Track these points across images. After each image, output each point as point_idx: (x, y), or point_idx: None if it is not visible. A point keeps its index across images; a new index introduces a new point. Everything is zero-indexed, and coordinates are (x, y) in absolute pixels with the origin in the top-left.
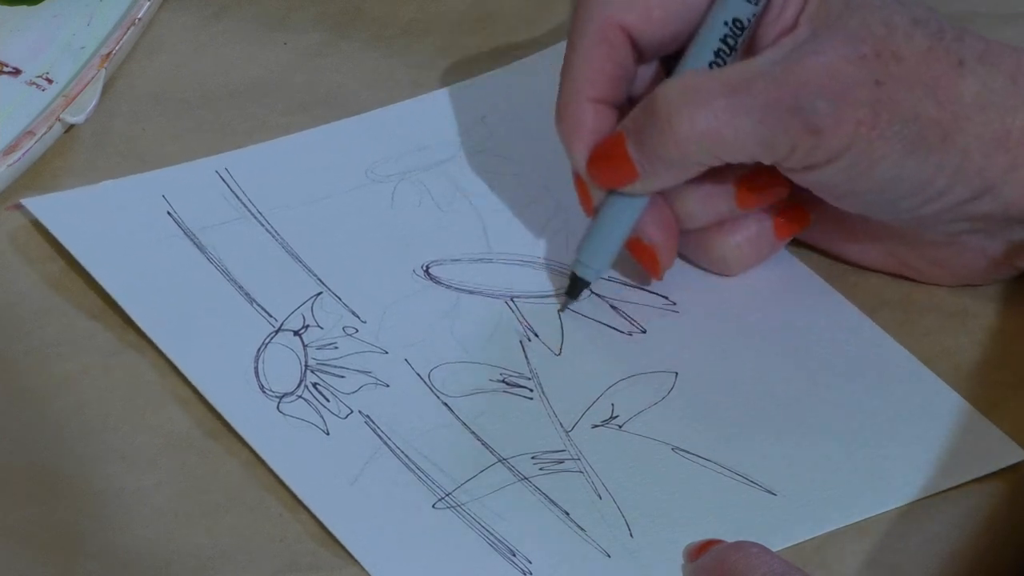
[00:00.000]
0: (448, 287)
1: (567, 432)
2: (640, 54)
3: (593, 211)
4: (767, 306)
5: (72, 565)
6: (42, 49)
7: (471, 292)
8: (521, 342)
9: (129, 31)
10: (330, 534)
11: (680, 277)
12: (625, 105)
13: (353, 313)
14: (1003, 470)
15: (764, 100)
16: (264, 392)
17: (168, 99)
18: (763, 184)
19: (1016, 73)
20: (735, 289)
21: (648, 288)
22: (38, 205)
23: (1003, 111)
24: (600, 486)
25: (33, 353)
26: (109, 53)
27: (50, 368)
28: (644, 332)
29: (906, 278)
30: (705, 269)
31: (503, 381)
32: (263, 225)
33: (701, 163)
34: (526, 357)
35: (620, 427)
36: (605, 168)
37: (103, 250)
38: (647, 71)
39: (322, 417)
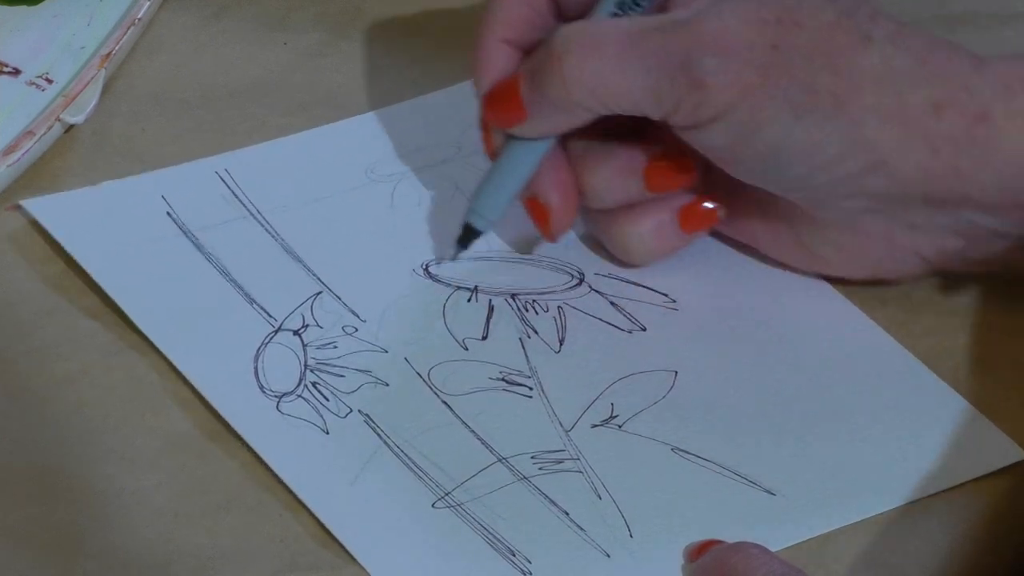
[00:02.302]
0: (448, 285)
1: (567, 431)
2: (561, 7)
3: (492, 154)
4: (767, 305)
5: (72, 565)
6: (42, 49)
7: (470, 290)
8: (521, 339)
9: (129, 31)
10: (330, 534)
11: (680, 275)
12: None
13: (353, 312)
14: (1003, 470)
15: (655, 52)
16: (264, 392)
17: (168, 99)
18: (672, 167)
19: (925, 55)
20: (735, 288)
21: (648, 286)
22: (37, 206)
23: (902, 86)
24: (600, 486)
25: (33, 353)
26: (109, 53)
27: (50, 368)
28: (644, 330)
29: (824, 278)
30: (617, 259)
31: (503, 379)
32: (262, 225)
33: (588, 109)
34: (526, 355)
35: (620, 427)
36: (498, 106)
37: (102, 251)
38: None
39: (322, 416)
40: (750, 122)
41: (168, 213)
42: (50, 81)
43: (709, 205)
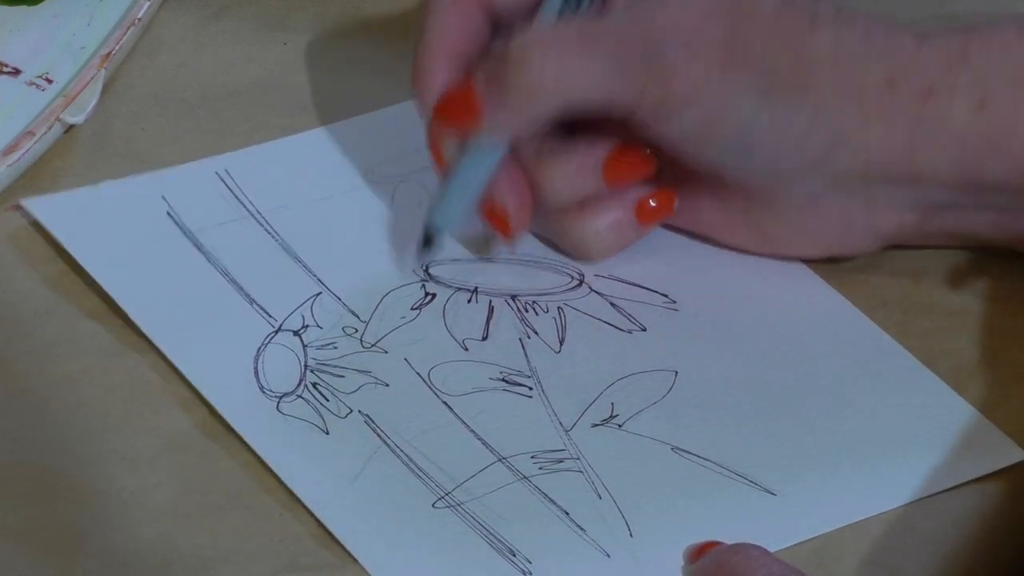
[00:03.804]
0: (448, 286)
1: (567, 431)
2: (496, 19)
3: (444, 166)
4: (767, 305)
5: (72, 565)
6: (42, 49)
7: (471, 291)
8: (521, 340)
9: (129, 31)
10: (330, 534)
11: (680, 276)
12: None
13: (353, 313)
14: (1003, 470)
15: (616, 44)
16: (264, 392)
17: (168, 99)
18: (631, 160)
19: (868, 32)
20: (735, 288)
21: (648, 287)
22: (37, 206)
23: (855, 64)
24: (600, 486)
25: (33, 353)
26: (109, 53)
27: (50, 368)
28: (644, 330)
29: (780, 258)
30: (565, 255)
31: (503, 379)
32: (262, 225)
33: (551, 108)
34: (526, 355)
35: (620, 426)
36: (452, 112)
37: (102, 251)
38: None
39: (322, 417)
40: (717, 107)
41: (168, 213)
42: (50, 81)
43: (664, 197)
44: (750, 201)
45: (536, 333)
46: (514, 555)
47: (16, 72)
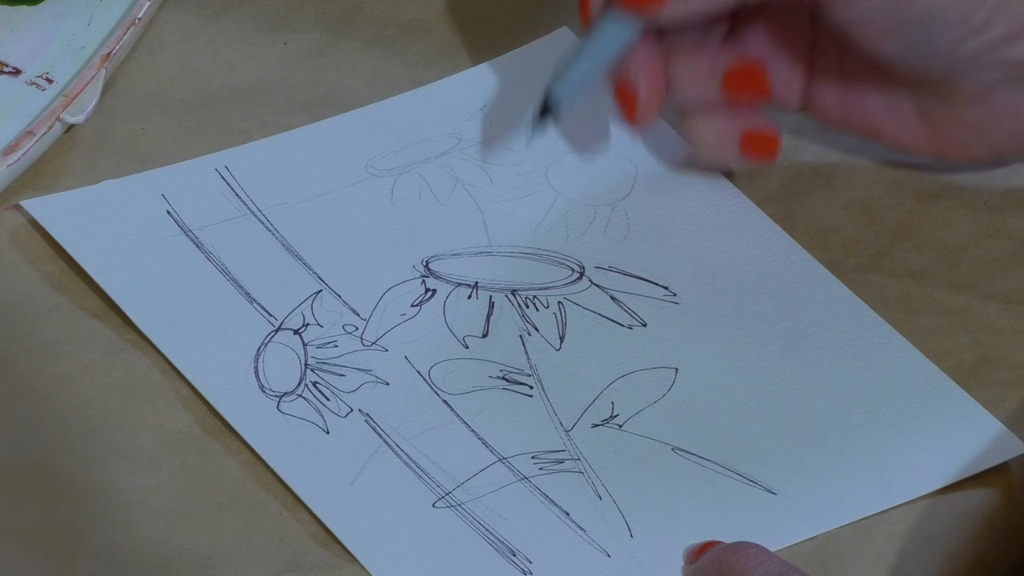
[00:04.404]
0: (448, 282)
1: (567, 431)
2: None
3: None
4: (769, 297)
5: (72, 565)
6: (42, 49)
7: (471, 287)
8: (521, 337)
9: (129, 31)
10: (330, 534)
11: (681, 267)
12: None
13: (353, 311)
14: (1003, 470)
15: None
16: (264, 391)
17: (168, 99)
18: (752, 76)
19: None
20: (736, 280)
21: (649, 279)
22: (37, 207)
23: None
24: (600, 486)
25: (33, 353)
26: (109, 53)
27: (50, 368)
28: (644, 325)
29: (943, 156)
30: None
31: (503, 378)
32: (263, 223)
33: None
34: (526, 353)
35: (620, 427)
36: None
37: (102, 251)
38: None
39: (322, 416)
40: None
41: (168, 212)
42: (50, 81)
43: (769, 137)
44: (922, 96)
45: (537, 330)
46: (514, 555)
47: (16, 72)
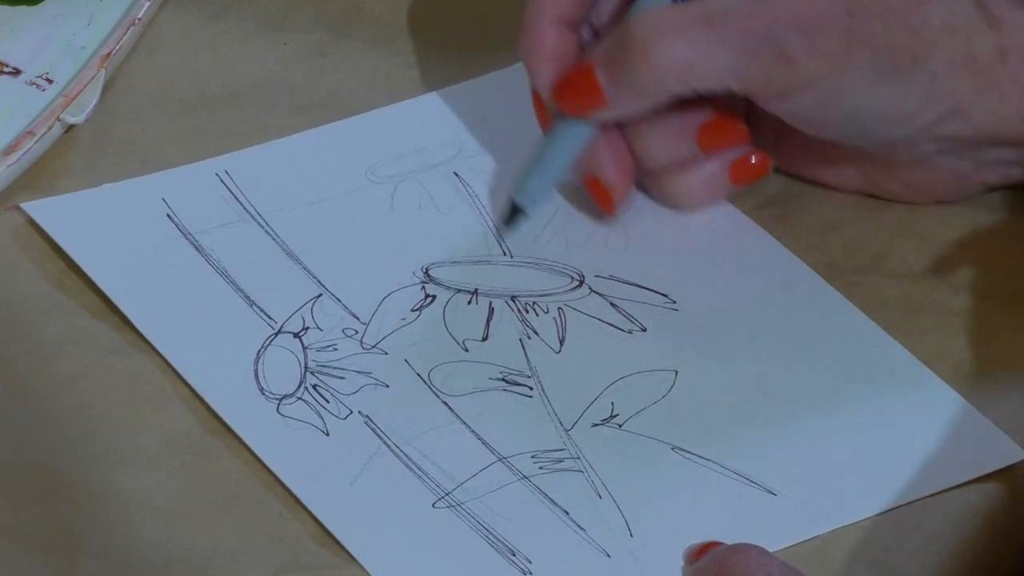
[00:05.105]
0: (448, 287)
1: (567, 431)
2: None
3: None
4: (767, 305)
5: (72, 565)
6: (42, 49)
7: (471, 292)
8: (521, 340)
9: (129, 31)
10: (330, 534)
11: (680, 276)
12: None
13: (353, 315)
14: (1003, 470)
15: (738, 32)
16: (264, 394)
17: (168, 99)
18: (725, 128)
19: (982, 4)
20: (735, 287)
21: (648, 287)
22: (37, 209)
23: (969, 35)
24: (600, 486)
25: (33, 353)
26: (109, 53)
27: (50, 368)
28: (644, 330)
29: (878, 198)
30: (659, 203)
31: (503, 379)
32: (263, 227)
33: (673, 92)
34: (526, 355)
35: (620, 426)
36: (573, 95)
37: (103, 254)
38: (607, 2)
39: (322, 418)
40: (836, 89)
41: (168, 215)
42: (50, 81)
43: (760, 160)
44: (860, 160)
45: (536, 333)
46: (514, 555)
47: (16, 72)
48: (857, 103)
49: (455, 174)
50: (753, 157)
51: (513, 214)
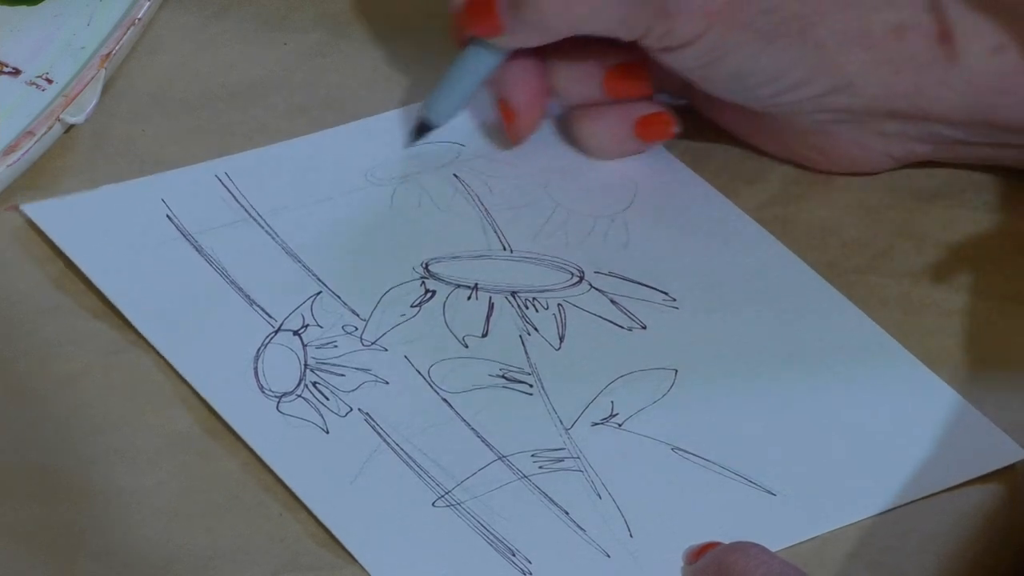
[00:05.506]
0: (447, 283)
1: (567, 430)
2: None
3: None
4: (766, 304)
5: (72, 565)
6: (42, 49)
7: (470, 288)
8: (521, 337)
9: (129, 31)
10: (330, 534)
11: (680, 273)
12: None
13: (352, 311)
14: (1002, 470)
15: None
16: (264, 392)
17: (168, 99)
18: (630, 75)
19: None
20: (735, 286)
21: (648, 284)
22: (36, 210)
23: (865, 9)
24: (600, 486)
25: (33, 353)
26: (109, 53)
27: (50, 368)
28: (644, 328)
29: (810, 169)
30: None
31: (503, 376)
32: (262, 227)
33: (559, 32)
34: (526, 352)
35: (620, 425)
36: (475, 17)
37: (102, 254)
38: None
39: (322, 416)
40: (718, 48)
41: (168, 216)
42: (50, 81)
43: (663, 120)
44: (772, 121)
45: (536, 330)
46: (514, 555)
47: (16, 72)
48: (741, 65)
49: (455, 176)
50: (654, 119)
51: (421, 129)
